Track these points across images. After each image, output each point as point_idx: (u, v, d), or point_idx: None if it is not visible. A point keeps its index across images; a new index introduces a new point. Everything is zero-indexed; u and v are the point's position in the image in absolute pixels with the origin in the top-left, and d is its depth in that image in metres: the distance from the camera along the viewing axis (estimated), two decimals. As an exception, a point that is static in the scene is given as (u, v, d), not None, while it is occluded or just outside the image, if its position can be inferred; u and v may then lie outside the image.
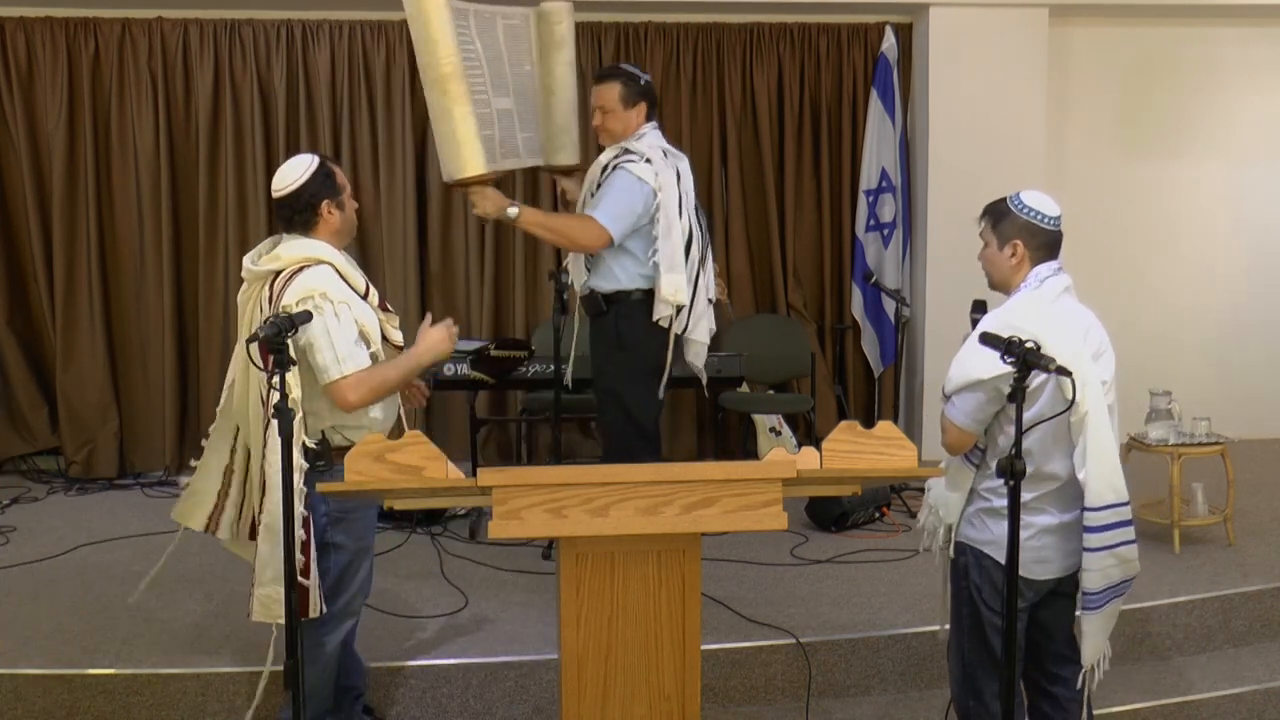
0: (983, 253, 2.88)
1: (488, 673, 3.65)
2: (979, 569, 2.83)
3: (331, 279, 2.95)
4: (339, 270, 2.99)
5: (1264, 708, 3.77)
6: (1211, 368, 6.43)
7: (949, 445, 2.81)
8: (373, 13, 6.00)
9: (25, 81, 5.83)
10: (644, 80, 3.94)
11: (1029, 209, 2.80)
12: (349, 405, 2.94)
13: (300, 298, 2.87)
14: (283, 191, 3.02)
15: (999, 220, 2.82)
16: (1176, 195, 6.62)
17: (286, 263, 2.97)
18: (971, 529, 2.85)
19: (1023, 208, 2.80)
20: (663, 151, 3.89)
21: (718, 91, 6.23)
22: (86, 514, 5.34)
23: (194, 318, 6.07)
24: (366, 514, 3.13)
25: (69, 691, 3.51)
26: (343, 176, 3.10)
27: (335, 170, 3.07)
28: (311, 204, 3.01)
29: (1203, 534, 4.73)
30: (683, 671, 2.60)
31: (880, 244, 6.29)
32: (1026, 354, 2.52)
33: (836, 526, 4.97)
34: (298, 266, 2.95)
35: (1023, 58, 6.14)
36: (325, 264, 2.97)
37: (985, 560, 2.82)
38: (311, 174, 3.02)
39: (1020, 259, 2.79)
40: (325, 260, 2.97)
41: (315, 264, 2.96)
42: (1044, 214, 2.80)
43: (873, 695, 3.80)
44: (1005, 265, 2.81)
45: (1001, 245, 2.81)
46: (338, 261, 3.01)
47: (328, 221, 3.04)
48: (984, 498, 2.82)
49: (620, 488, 2.46)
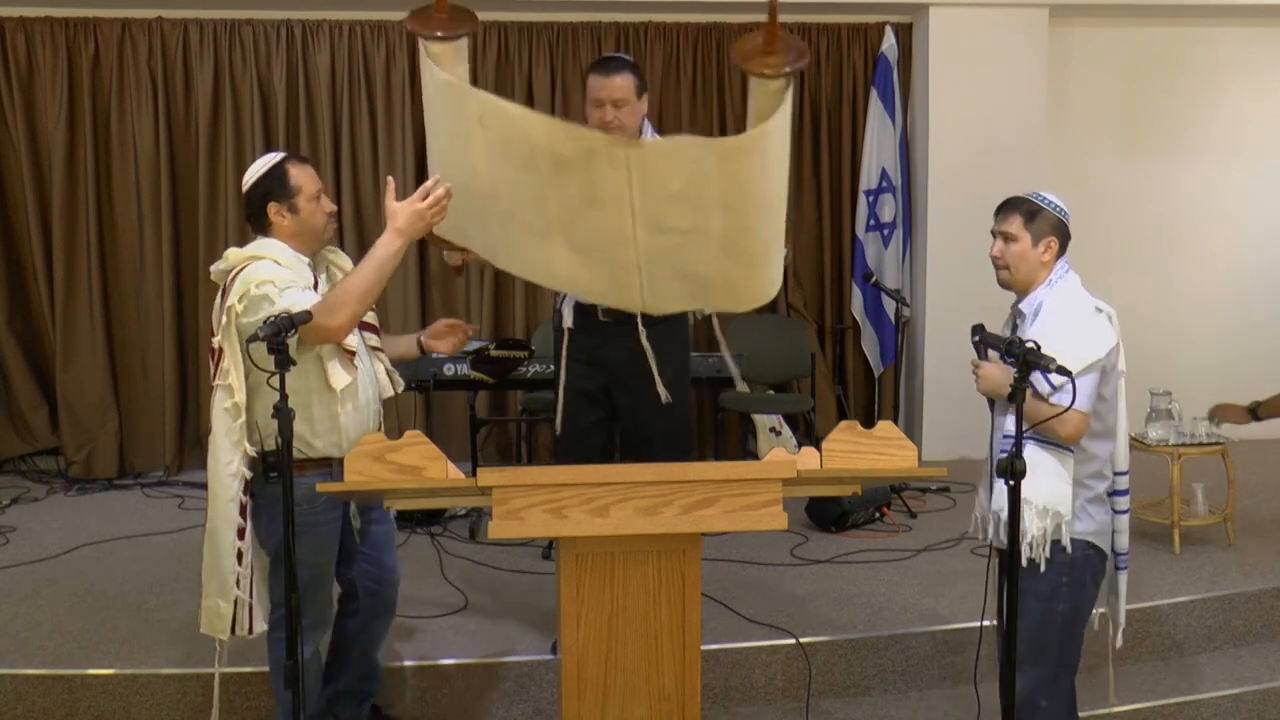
0: (1009, 249, 2.88)
1: (488, 673, 3.65)
2: (1085, 561, 2.83)
3: (270, 269, 2.87)
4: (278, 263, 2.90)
5: (1264, 708, 3.77)
6: (1212, 368, 6.42)
7: (1071, 435, 2.76)
8: (373, 13, 6.00)
9: (25, 81, 5.84)
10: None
11: (1059, 206, 2.90)
12: (336, 330, 2.82)
13: (241, 294, 2.82)
14: (243, 191, 3.00)
15: (1033, 217, 2.87)
16: (1176, 195, 6.62)
17: (232, 263, 2.92)
18: (1078, 521, 2.81)
19: (1054, 205, 2.90)
20: None
21: (718, 91, 6.23)
22: (86, 514, 5.34)
23: (194, 318, 6.06)
24: (328, 527, 3.01)
25: (69, 691, 3.51)
26: (305, 178, 2.96)
27: (292, 171, 2.95)
28: (260, 206, 2.95)
29: (1203, 534, 4.73)
30: (683, 671, 2.60)
31: (880, 244, 6.30)
32: (1027, 354, 2.54)
33: (836, 526, 4.97)
34: (240, 266, 2.90)
35: (1023, 58, 6.14)
36: (264, 259, 2.89)
37: (1090, 550, 2.84)
38: (260, 175, 2.96)
39: (1052, 255, 2.87)
40: (265, 256, 2.90)
41: (255, 260, 2.90)
42: (1067, 212, 2.90)
43: (873, 695, 3.79)
44: (1036, 261, 2.87)
45: (1035, 241, 2.86)
46: (282, 258, 2.91)
47: (278, 224, 2.95)
48: (1087, 485, 2.83)
49: (620, 488, 2.46)
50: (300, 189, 2.94)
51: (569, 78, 6.10)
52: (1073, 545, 2.80)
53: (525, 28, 6.08)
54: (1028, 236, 2.86)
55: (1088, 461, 2.82)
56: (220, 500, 2.89)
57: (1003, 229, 2.90)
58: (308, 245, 2.99)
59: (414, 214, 2.85)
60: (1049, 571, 2.81)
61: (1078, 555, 2.82)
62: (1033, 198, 2.91)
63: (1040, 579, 2.81)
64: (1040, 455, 2.77)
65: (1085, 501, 2.82)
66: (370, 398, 3.04)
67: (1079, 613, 2.87)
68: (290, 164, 2.97)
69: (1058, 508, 2.77)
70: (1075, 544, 2.81)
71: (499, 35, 6.08)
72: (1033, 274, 2.88)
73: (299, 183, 2.94)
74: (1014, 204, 2.91)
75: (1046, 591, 2.83)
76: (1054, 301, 2.86)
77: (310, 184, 2.97)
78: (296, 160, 3.01)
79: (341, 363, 2.93)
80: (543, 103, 6.07)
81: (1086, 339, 2.77)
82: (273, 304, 2.78)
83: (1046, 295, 2.87)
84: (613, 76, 3.36)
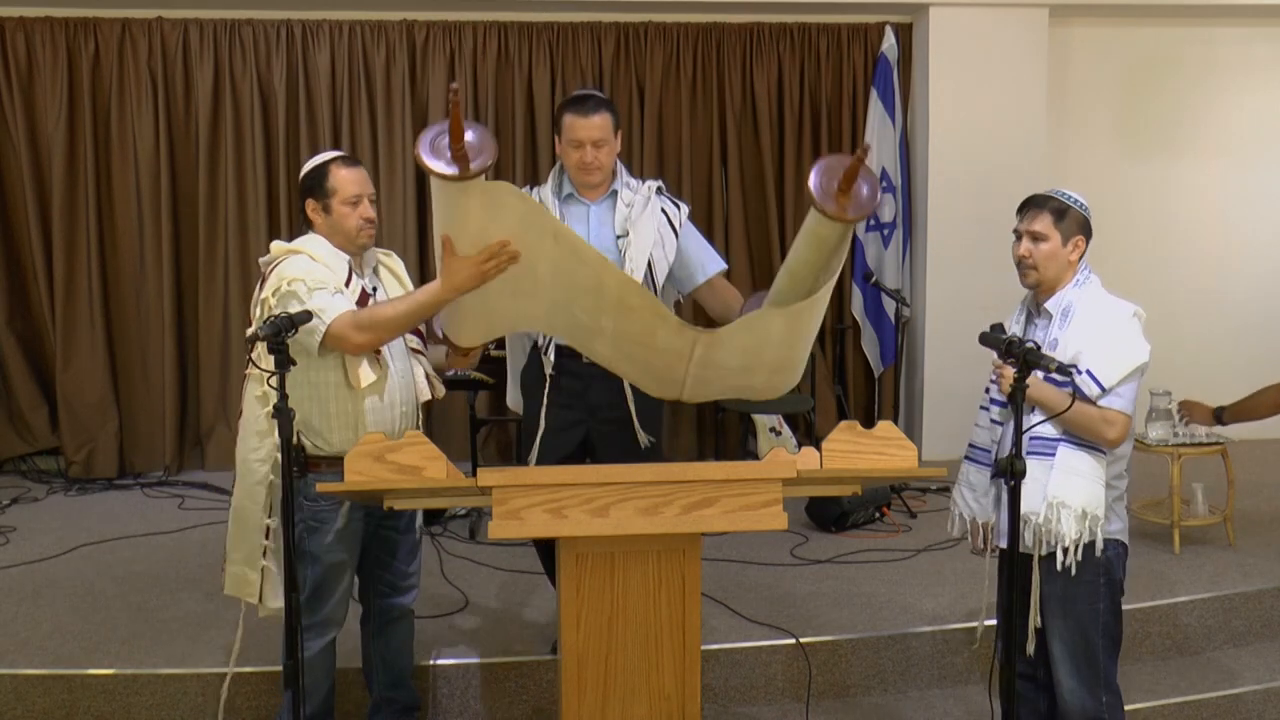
0: (1038, 248, 2.85)
1: (488, 673, 3.65)
2: (1117, 560, 2.85)
3: (304, 266, 2.91)
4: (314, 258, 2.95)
5: (1264, 708, 3.77)
6: (1212, 368, 6.42)
7: (1117, 439, 2.77)
8: (373, 13, 6.00)
9: (25, 81, 5.83)
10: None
11: (1084, 204, 2.88)
12: (356, 346, 2.86)
13: (275, 288, 2.88)
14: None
15: (1061, 216, 2.84)
16: (1176, 195, 6.61)
17: (273, 255, 3.01)
18: (1108, 522, 2.82)
19: (1080, 203, 2.88)
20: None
21: (718, 91, 6.23)
22: (86, 514, 5.34)
23: (194, 318, 6.07)
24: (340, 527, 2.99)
25: (69, 691, 3.51)
26: (346, 181, 2.99)
27: (335, 172, 2.99)
28: (302, 201, 3.04)
29: (1203, 534, 4.73)
30: (683, 671, 2.60)
31: (880, 244, 6.29)
32: (1027, 354, 2.54)
33: (836, 526, 4.97)
34: (279, 259, 2.97)
35: (1023, 58, 6.13)
36: (301, 253, 2.95)
37: (1120, 548, 2.86)
38: (305, 172, 3.05)
39: (1079, 254, 2.86)
40: (303, 251, 2.96)
41: (293, 254, 2.96)
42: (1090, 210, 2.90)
43: (873, 695, 3.79)
44: (1065, 260, 2.85)
45: (1065, 240, 2.84)
46: (319, 254, 2.96)
47: (315, 221, 3.02)
48: (1113, 486, 2.83)
49: (620, 488, 2.46)
50: (336, 191, 2.98)
51: (569, 78, 6.10)
52: (1105, 545, 2.81)
53: (525, 28, 6.08)
54: (1057, 235, 2.84)
55: (1115, 462, 2.84)
56: (247, 482, 2.97)
57: (1030, 228, 2.86)
58: (343, 244, 3.02)
59: (477, 273, 2.74)
60: (1086, 574, 2.80)
61: (1110, 555, 2.83)
62: (1058, 195, 2.88)
63: (1077, 583, 2.80)
64: (1079, 458, 2.78)
65: (1113, 500, 2.83)
66: (399, 399, 3.04)
67: (1117, 604, 2.88)
68: (336, 165, 3.02)
69: (1095, 511, 2.77)
70: (1107, 543, 2.82)
71: (499, 35, 6.08)
72: (1061, 274, 2.86)
73: (337, 184, 2.98)
74: (1040, 202, 2.88)
75: (1087, 594, 2.83)
76: (1087, 303, 2.84)
77: (350, 187, 2.98)
78: (346, 163, 3.04)
79: (369, 360, 2.95)
80: (543, 102, 6.08)
81: (1133, 344, 2.79)
82: (301, 302, 2.82)
83: (1075, 296, 2.85)
84: (591, 116, 3.25)
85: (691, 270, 3.40)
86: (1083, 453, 2.78)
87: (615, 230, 3.32)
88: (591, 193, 3.34)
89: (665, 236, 3.34)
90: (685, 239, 3.39)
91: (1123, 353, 2.77)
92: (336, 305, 2.86)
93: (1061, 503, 2.75)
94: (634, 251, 3.28)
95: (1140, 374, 2.81)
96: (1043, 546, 2.79)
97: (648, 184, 3.41)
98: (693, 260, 3.39)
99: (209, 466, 6.08)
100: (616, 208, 3.34)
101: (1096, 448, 2.78)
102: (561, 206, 3.33)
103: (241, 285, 5.97)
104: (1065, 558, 2.77)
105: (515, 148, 6.11)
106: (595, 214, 3.34)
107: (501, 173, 6.16)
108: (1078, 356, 2.77)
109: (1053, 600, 2.84)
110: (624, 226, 3.31)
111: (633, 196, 3.35)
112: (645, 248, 3.29)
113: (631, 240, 3.29)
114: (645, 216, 3.33)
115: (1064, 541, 2.75)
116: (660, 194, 3.40)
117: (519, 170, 6.13)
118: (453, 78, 6.06)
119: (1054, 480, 2.78)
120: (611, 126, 3.29)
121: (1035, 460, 2.77)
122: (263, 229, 5.97)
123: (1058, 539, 2.76)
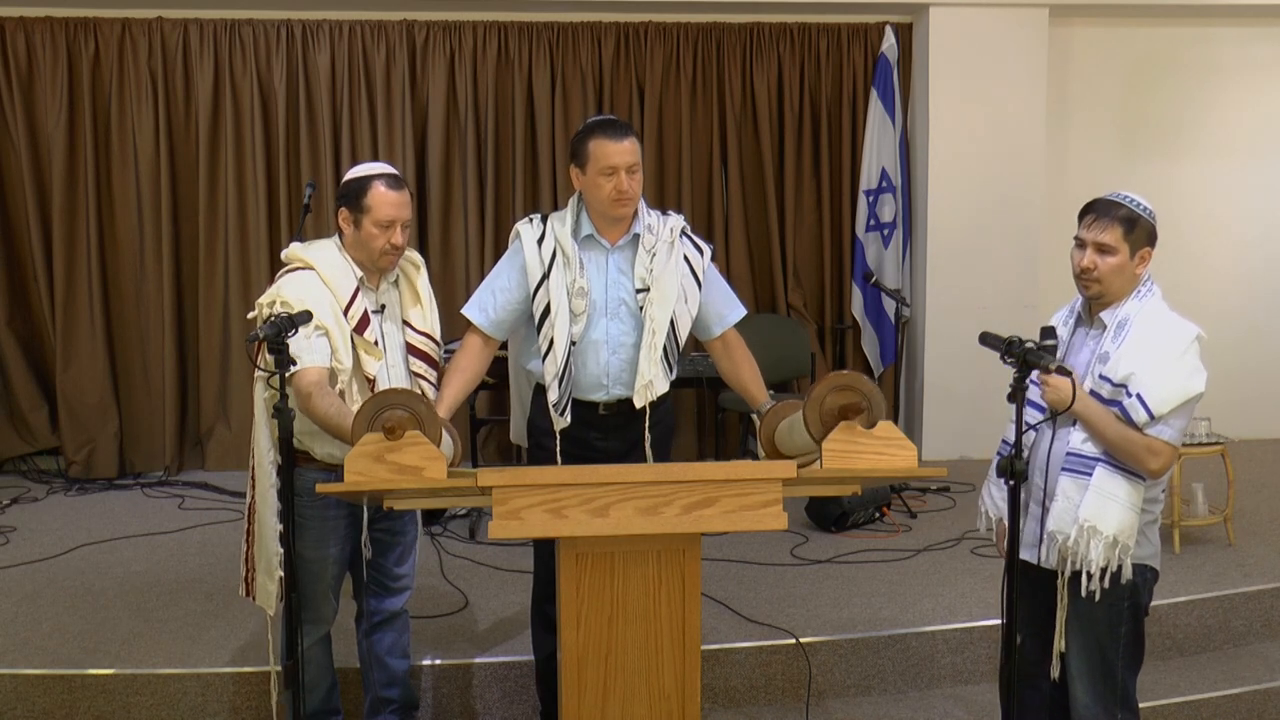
0: (1105, 261, 2.66)
1: (488, 673, 3.65)
2: (1144, 584, 2.74)
3: (304, 286, 2.89)
4: (322, 278, 2.92)
5: (1264, 708, 3.77)
6: (1212, 368, 6.40)
7: (1160, 470, 2.63)
8: (373, 13, 6.00)
9: (25, 81, 5.84)
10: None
11: (1152, 212, 2.68)
12: (300, 400, 2.83)
13: (270, 300, 2.89)
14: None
15: (1132, 227, 2.65)
16: (1177, 195, 6.60)
17: (287, 260, 3.01)
18: (1137, 546, 2.68)
19: (1149, 212, 2.68)
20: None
21: (718, 91, 6.23)
22: (86, 514, 5.34)
23: (194, 318, 6.07)
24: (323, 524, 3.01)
25: (69, 691, 3.51)
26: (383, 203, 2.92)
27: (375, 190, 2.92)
28: (337, 205, 3.02)
29: (1203, 534, 4.73)
30: (683, 671, 2.60)
31: (880, 244, 6.30)
32: (1027, 354, 2.51)
33: (836, 526, 4.97)
34: (289, 267, 2.98)
35: (1023, 58, 6.14)
36: (310, 270, 2.93)
37: (1148, 573, 2.75)
38: (347, 179, 3.01)
39: (1145, 267, 2.69)
40: (313, 265, 2.94)
41: (302, 267, 2.95)
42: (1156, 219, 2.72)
43: (873, 695, 3.79)
44: (1131, 274, 2.68)
45: (1133, 254, 2.67)
46: (329, 271, 2.93)
47: (343, 229, 3.01)
48: (1146, 510, 2.69)
49: (620, 488, 2.46)
50: (371, 210, 2.93)
51: (569, 78, 6.10)
52: (1133, 570, 2.68)
53: (525, 28, 6.08)
54: (1126, 249, 2.64)
55: (1150, 487, 2.70)
56: (262, 485, 2.96)
57: (1099, 239, 2.66)
58: (363, 258, 3.00)
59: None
60: (1111, 599, 2.68)
61: (1138, 580, 2.70)
62: (1128, 203, 2.67)
63: (1100, 606, 2.69)
64: (1115, 482, 2.63)
65: (1145, 524, 2.71)
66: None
67: (1140, 626, 2.76)
68: (379, 182, 2.95)
69: (1126, 540, 2.63)
70: (1135, 569, 2.68)
71: (499, 35, 6.08)
72: (1125, 288, 2.68)
73: (373, 203, 2.93)
74: (1109, 210, 2.67)
75: (1108, 618, 2.71)
76: (1147, 319, 2.67)
77: (387, 210, 2.93)
78: (390, 183, 2.96)
79: (360, 389, 2.94)
80: (543, 102, 6.08)
81: (1190, 373, 2.62)
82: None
83: (1135, 309, 2.68)
84: (624, 140, 3.03)
85: (709, 323, 3.26)
86: (1120, 478, 2.63)
87: (635, 283, 3.11)
88: (613, 232, 3.12)
89: (689, 290, 3.16)
90: (707, 288, 3.21)
91: (1179, 381, 2.60)
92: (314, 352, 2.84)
93: (1093, 528, 2.61)
94: (656, 311, 3.09)
95: (1194, 405, 2.65)
96: (1067, 566, 2.68)
97: (669, 224, 3.18)
98: (711, 313, 3.24)
99: (209, 466, 6.08)
100: (638, 255, 3.12)
101: (1136, 473, 2.63)
102: (580, 251, 3.10)
103: (241, 285, 5.98)
104: (1090, 583, 2.64)
105: (515, 148, 6.11)
106: (614, 262, 3.12)
107: (501, 174, 6.17)
108: (1129, 378, 2.61)
109: (1073, 619, 2.74)
110: (644, 280, 3.10)
111: (655, 242, 3.13)
112: (668, 305, 3.10)
113: (653, 298, 3.09)
114: (669, 268, 3.12)
115: (1090, 567, 2.63)
116: (684, 237, 3.18)
117: (519, 170, 6.12)
118: (453, 78, 6.07)
119: (1088, 502, 2.64)
120: (640, 151, 3.10)
121: (1070, 478, 2.67)
122: (263, 229, 5.97)
123: (1084, 564, 2.64)
